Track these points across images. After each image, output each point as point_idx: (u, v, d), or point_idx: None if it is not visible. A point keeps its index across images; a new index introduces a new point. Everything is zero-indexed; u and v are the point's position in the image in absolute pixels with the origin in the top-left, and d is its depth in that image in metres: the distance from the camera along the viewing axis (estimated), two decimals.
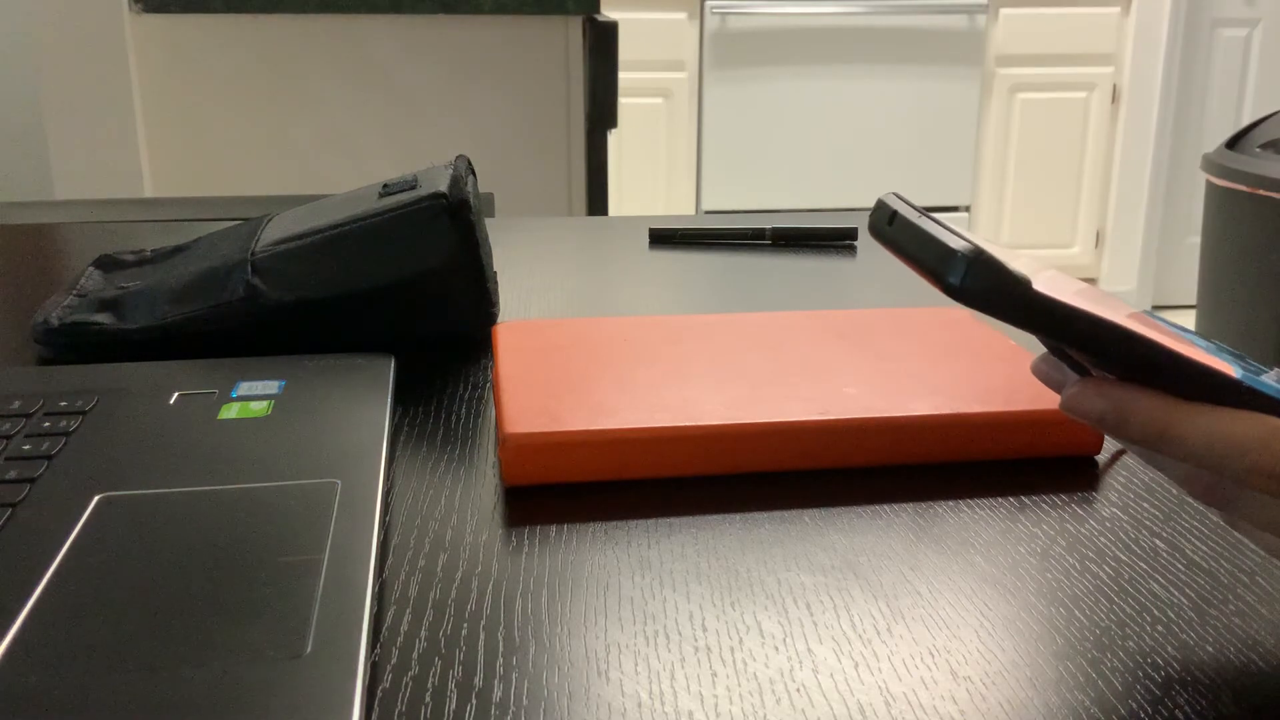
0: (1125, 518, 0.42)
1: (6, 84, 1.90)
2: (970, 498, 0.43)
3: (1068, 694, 0.32)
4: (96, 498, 0.40)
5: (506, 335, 0.55)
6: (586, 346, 0.53)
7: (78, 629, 0.32)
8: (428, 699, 0.31)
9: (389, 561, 0.38)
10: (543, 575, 0.38)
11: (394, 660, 0.33)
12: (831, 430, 0.45)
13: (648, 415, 0.45)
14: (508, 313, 0.68)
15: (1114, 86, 3.63)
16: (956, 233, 0.30)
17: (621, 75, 1.66)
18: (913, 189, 3.61)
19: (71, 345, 0.58)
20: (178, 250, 0.68)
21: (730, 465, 0.45)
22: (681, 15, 3.42)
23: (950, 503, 0.43)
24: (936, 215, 0.31)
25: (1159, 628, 0.35)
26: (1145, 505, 0.43)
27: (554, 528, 0.41)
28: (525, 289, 0.73)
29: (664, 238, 0.85)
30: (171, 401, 0.49)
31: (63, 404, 0.48)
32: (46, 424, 0.46)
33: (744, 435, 0.45)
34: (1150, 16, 3.56)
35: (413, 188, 0.60)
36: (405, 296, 0.58)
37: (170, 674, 0.30)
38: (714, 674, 0.32)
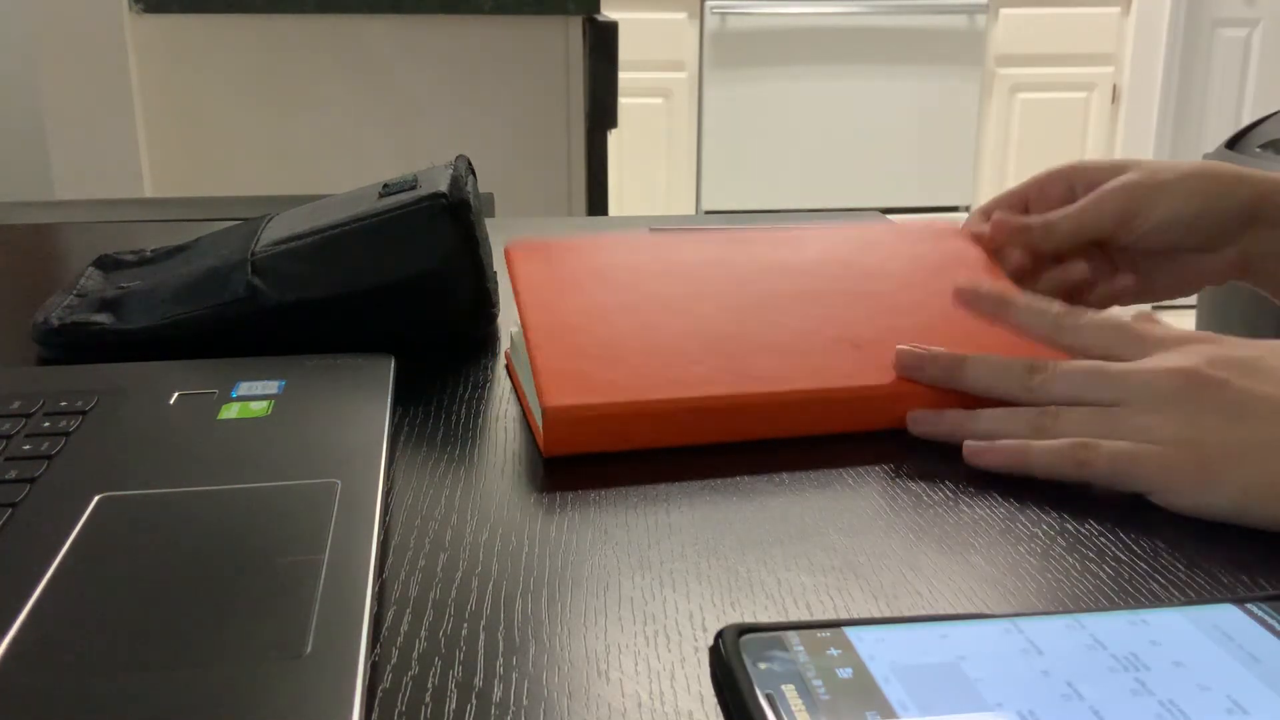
0: (1126, 518, 0.42)
1: (6, 84, 1.90)
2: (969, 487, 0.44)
3: None
4: (96, 498, 0.40)
5: (524, 264, 0.55)
6: (609, 283, 0.54)
7: (78, 629, 0.32)
8: (428, 699, 0.31)
9: (389, 561, 0.38)
10: (543, 575, 0.38)
11: (394, 660, 0.33)
12: (872, 396, 0.48)
13: (686, 384, 0.46)
14: (508, 312, 0.68)
15: (1114, 86, 3.63)
16: None
17: (621, 75, 1.66)
18: (913, 189, 3.61)
19: (71, 345, 0.58)
20: (178, 250, 0.68)
21: (772, 432, 0.47)
22: (681, 15, 3.42)
23: (950, 501, 0.43)
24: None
25: None
26: (1145, 505, 0.43)
27: (554, 528, 0.41)
28: None
29: None
30: (171, 401, 0.49)
31: (63, 404, 0.48)
32: (46, 424, 0.46)
33: (786, 403, 0.47)
34: (1150, 16, 3.56)
35: (413, 188, 0.60)
36: (405, 296, 0.58)
37: (170, 674, 0.30)
38: None
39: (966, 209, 3.67)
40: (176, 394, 0.50)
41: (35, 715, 0.28)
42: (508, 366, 0.57)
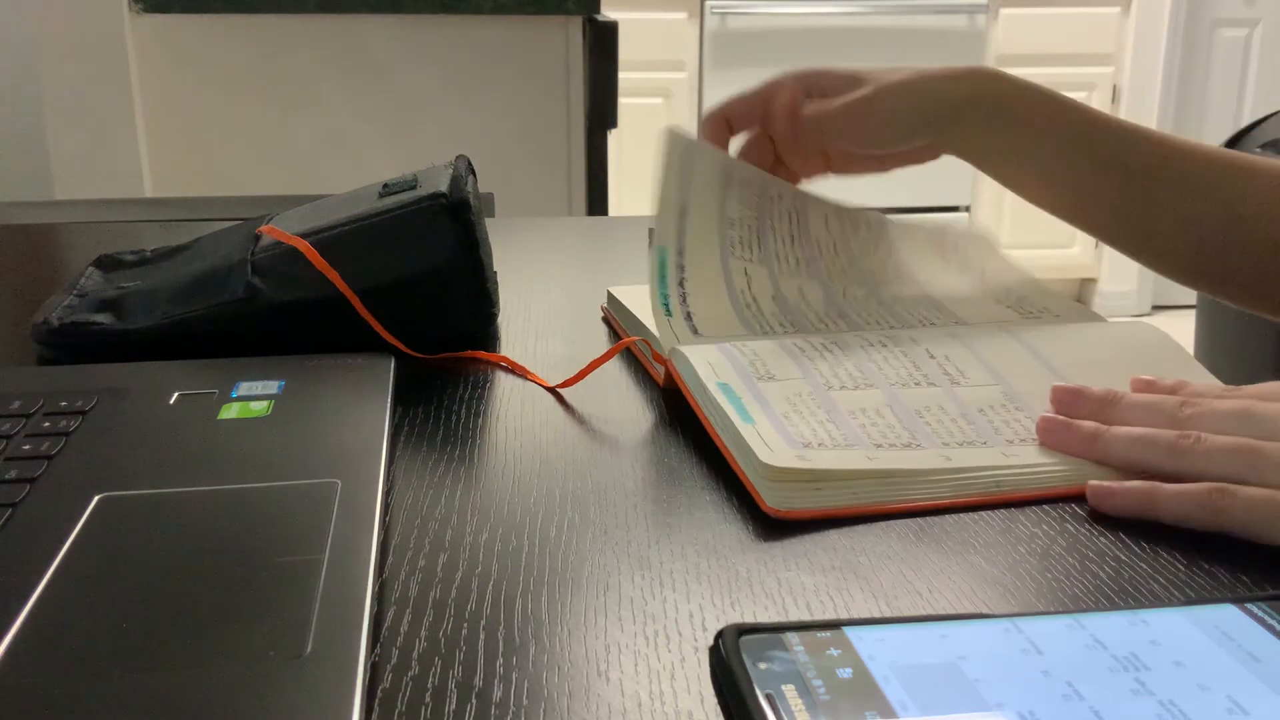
0: (1125, 518, 0.42)
1: (6, 84, 1.90)
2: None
3: None
4: (96, 498, 0.40)
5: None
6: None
7: (78, 629, 0.32)
8: (428, 699, 0.31)
9: (389, 561, 0.38)
10: (543, 575, 0.38)
11: (394, 660, 0.33)
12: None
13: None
14: (508, 312, 0.68)
15: (1114, 86, 3.63)
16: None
17: (621, 75, 1.66)
18: (913, 189, 3.60)
19: (71, 345, 0.58)
20: (178, 250, 0.68)
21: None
22: (681, 15, 3.42)
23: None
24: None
25: None
26: None
27: (554, 528, 0.41)
28: (525, 289, 0.73)
29: None
30: (171, 401, 0.49)
31: (63, 404, 0.48)
32: (46, 424, 0.46)
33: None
34: (1150, 16, 3.56)
35: (413, 188, 0.60)
36: (405, 296, 0.58)
37: (170, 674, 0.30)
38: None
39: (967, 209, 3.67)
40: (176, 394, 0.50)
41: (35, 715, 0.28)
42: (608, 318, 0.66)
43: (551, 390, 0.55)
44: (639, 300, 0.62)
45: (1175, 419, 0.44)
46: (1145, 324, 0.57)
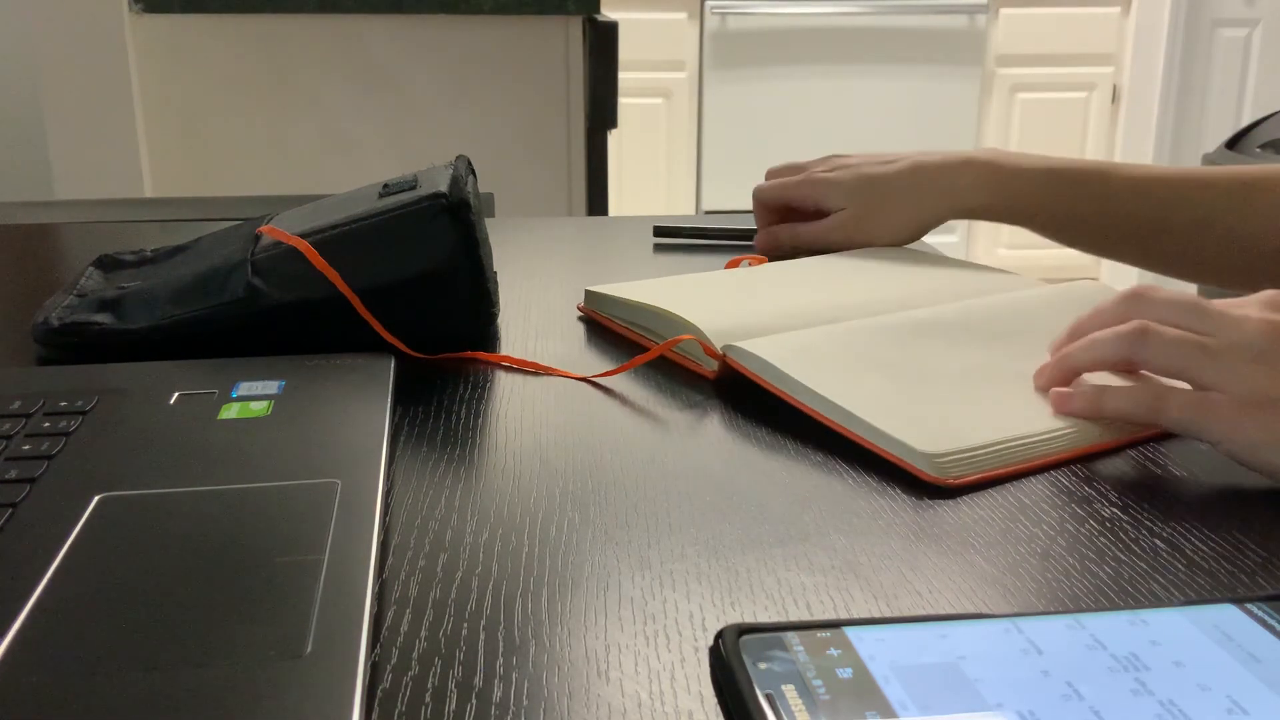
0: (1125, 518, 0.42)
1: (6, 84, 1.90)
2: (970, 494, 0.44)
3: None
4: (96, 498, 0.40)
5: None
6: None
7: (78, 629, 0.32)
8: (428, 699, 0.31)
9: (389, 561, 0.38)
10: (543, 575, 0.38)
11: (394, 660, 0.33)
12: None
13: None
14: (508, 312, 0.68)
15: (1114, 86, 3.63)
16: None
17: (621, 75, 1.66)
18: None
19: (71, 345, 0.58)
20: (178, 250, 0.68)
21: None
22: (681, 15, 3.42)
23: (950, 501, 0.43)
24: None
25: None
26: (1145, 505, 0.43)
27: (554, 528, 0.41)
28: (525, 289, 0.73)
29: (669, 233, 0.86)
30: (171, 401, 0.49)
31: (63, 404, 0.48)
32: (46, 424, 0.46)
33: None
34: (1150, 16, 3.56)
35: (413, 188, 0.60)
36: (405, 296, 0.58)
37: (170, 674, 0.30)
38: None
39: None
40: (176, 394, 0.50)
41: (35, 715, 0.28)
42: (589, 316, 0.67)
43: (586, 380, 0.56)
44: (636, 291, 0.63)
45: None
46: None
